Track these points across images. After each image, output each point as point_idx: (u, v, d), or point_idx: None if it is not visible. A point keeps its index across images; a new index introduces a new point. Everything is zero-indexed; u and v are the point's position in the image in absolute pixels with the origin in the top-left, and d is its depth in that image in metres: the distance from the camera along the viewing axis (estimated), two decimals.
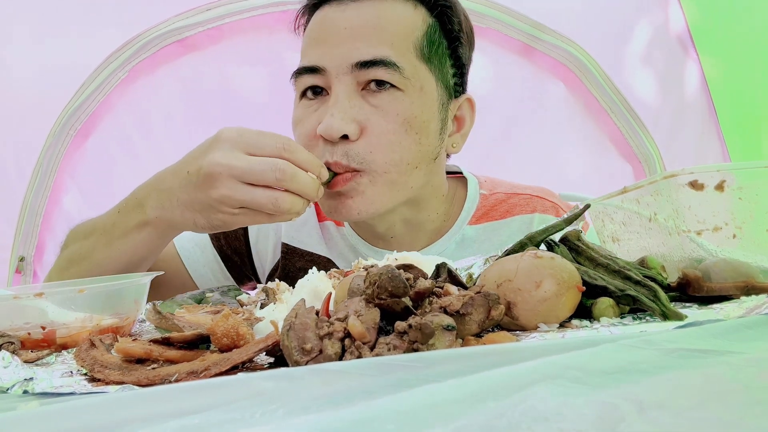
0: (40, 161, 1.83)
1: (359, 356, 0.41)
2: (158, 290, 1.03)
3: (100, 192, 1.87)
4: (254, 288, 1.16)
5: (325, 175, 0.82)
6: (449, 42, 0.97)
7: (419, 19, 0.94)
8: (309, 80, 0.93)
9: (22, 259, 1.83)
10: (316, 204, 1.11)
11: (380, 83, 0.90)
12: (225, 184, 0.76)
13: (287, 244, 1.12)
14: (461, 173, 1.13)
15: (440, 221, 1.06)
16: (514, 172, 1.56)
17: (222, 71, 1.92)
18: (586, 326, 0.50)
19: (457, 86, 1.00)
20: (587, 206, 0.70)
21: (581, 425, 0.24)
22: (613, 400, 0.27)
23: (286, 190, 0.77)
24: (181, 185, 0.81)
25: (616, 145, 2.03)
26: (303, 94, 0.95)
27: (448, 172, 1.10)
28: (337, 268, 1.07)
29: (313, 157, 0.80)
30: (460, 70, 1.00)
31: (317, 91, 0.93)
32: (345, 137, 0.88)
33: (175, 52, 1.87)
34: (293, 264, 1.11)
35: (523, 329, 0.51)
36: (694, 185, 0.55)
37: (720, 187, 0.54)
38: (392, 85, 0.90)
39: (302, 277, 0.98)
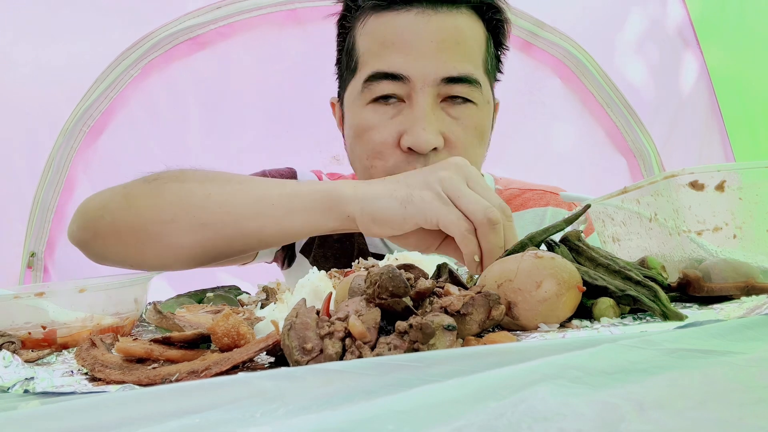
0: (52, 157, 1.84)
1: (360, 356, 0.41)
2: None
3: None
4: (284, 262, 1.19)
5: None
6: (497, 54, 1.02)
7: (482, 33, 0.97)
8: (388, 87, 0.92)
9: (33, 255, 1.84)
10: None
11: (459, 98, 0.93)
12: (456, 171, 0.73)
13: None
14: None
15: None
16: (510, 165, 1.57)
17: (233, 67, 1.94)
18: (587, 326, 0.50)
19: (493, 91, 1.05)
20: (587, 206, 0.70)
21: (581, 425, 0.24)
22: (614, 400, 0.27)
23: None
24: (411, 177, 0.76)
25: (611, 140, 2.04)
26: (374, 99, 0.94)
27: None
28: (365, 243, 1.11)
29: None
30: (497, 77, 1.05)
31: (389, 98, 0.93)
32: (434, 149, 0.90)
33: (187, 48, 1.89)
34: (330, 236, 1.12)
35: (524, 329, 0.51)
36: (695, 185, 0.55)
37: (720, 187, 0.54)
38: (469, 100, 0.93)
39: (337, 248, 0.93)
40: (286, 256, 1.19)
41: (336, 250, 1.13)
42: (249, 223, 0.79)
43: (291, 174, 1.17)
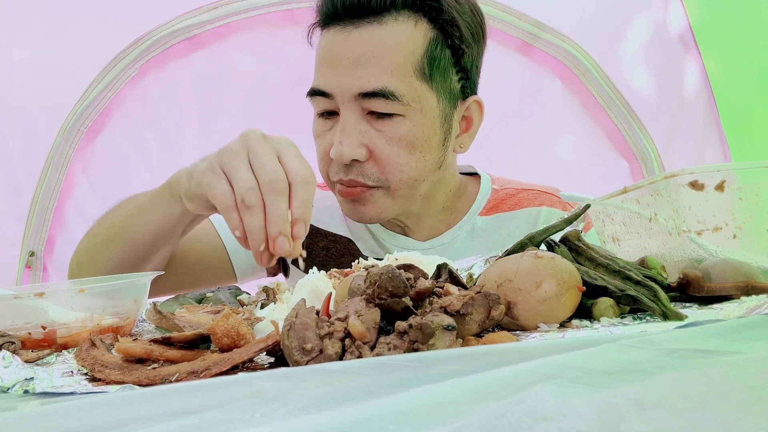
0: (50, 157, 1.85)
1: (359, 356, 0.41)
2: (194, 271, 1.08)
3: (111, 186, 1.90)
4: (275, 273, 1.22)
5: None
6: (452, 51, 0.98)
7: (420, 37, 0.95)
8: (321, 103, 0.98)
9: (32, 254, 1.84)
10: None
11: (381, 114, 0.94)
12: (241, 142, 0.70)
13: (311, 225, 1.15)
14: (476, 173, 1.18)
15: (446, 213, 1.11)
16: (511, 167, 1.57)
17: (230, 67, 1.95)
18: (587, 326, 0.50)
19: (465, 89, 1.02)
20: (587, 206, 0.70)
21: (581, 425, 0.24)
22: (614, 400, 0.27)
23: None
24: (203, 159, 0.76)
25: (612, 142, 2.04)
26: (318, 113, 1.00)
27: (463, 173, 1.15)
28: (358, 248, 1.12)
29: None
30: (466, 74, 1.01)
31: (330, 113, 0.99)
32: (355, 160, 0.95)
33: (184, 48, 1.89)
34: (316, 243, 1.15)
35: (524, 329, 0.51)
36: (695, 185, 0.55)
37: (720, 187, 0.54)
38: (393, 113, 0.94)
39: (324, 256, 0.96)
40: (282, 267, 1.20)
41: (323, 258, 1.15)
42: (131, 229, 0.92)
43: None
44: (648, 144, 2.01)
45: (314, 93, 0.98)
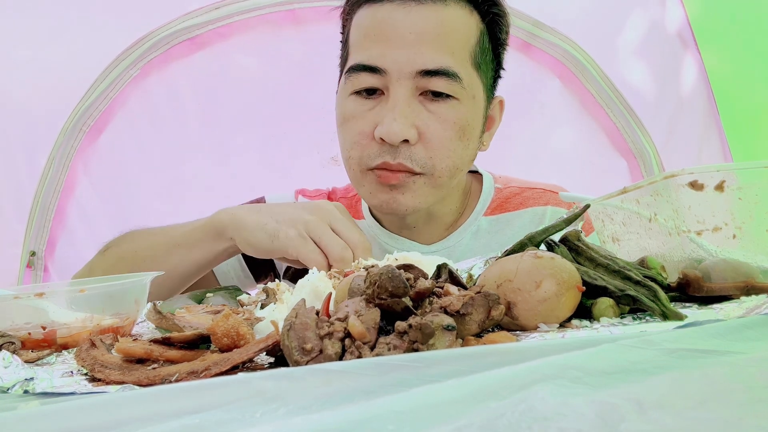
0: (52, 157, 1.85)
1: (359, 356, 0.41)
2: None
3: (112, 187, 1.91)
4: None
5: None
6: (494, 47, 0.99)
7: (474, 26, 0.94)
8: (366, 79, 0.93)
9: (33, 254, 1.85)
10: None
11: (439, 93, 0.92)
12: (320, 215, 0.87)
13: None
14: (477, 171, 1.17)
15: (457, 214, 1.10)
16: (510, 166, 1.57)
17: (232, 68, 1.95)
18: (586, 326, 0.50)
19: (493, 87, 1.03)
20: (587, 206, 0.70)
21: (581, 425, 0.25)
22: (613, 400, 0.27)
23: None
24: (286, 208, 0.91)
25: (611, 141, 2.04)
26: (356, 91, 0.95)
27: None
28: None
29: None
30: (498, 72, 1.03)
31: (372, 91, 0.94)
32: (405, 141, 0.91)
33: (186, 49, 1.90)
34: None
35: (523, 329, 0.51)
36: (694, 185, 0.55)
37: (720, 187, 0.54)
38: (449, 94, 0.92)
39: None
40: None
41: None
42: (167, 263, 0.96)
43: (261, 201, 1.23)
44: (646, 143, 2.01)
45: (361, 68, 0.93)
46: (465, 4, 0.94)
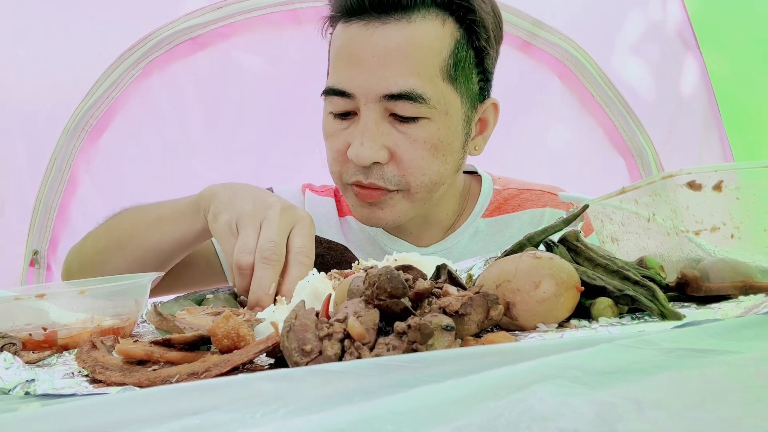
0: (54, 157, 1.85)
1: (359, 357, 0.42)
2: (186, 272, 1.09)
3: (114, 186, 1.90)
4: None
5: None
6: (476, 53, 0.95)
7: (447, 37, 0.91)
8: (339, 103, 0.93)
9: (36, 253, 1.85)
10: (336, 200, 1.17)
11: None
12: (270, 213, 0.77)
13: None
14: (476, 172, 1.17)
15: (454, 216, 1.10)
16: (509, 164, 1.57)
17: (234, 67, 1.95)
18: (585, 326, 0.51)
19: (482, 91, 1.00)
20: (586, 206, 0.70)
21: (580, 425, 0.25)
22: (612, 400, 0.27)
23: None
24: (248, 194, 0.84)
25: (610, 140, 2.04)
26: (331, 112, 0.96)
27: (464, 171, 1.13)
28: (354, 256, 1.11)
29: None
30: (486, 76, 0.99)
31: (346, 113, 0.94)
32: (376, 162, 0.91)
33: (187, 49, 1.90)
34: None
35: (522, 329, 0.51)
36: (692, 185, 0.55)
37: (718, 187, 0.55)
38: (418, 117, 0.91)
39: (319, 263, 0.99)
40: None
41: (318, 265, 1.13)
42: (151, 237, 0.94)
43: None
44: (645, 142, 2.01)
45: (332, 92, 0.93)
46: (437, 14, 0.90)
